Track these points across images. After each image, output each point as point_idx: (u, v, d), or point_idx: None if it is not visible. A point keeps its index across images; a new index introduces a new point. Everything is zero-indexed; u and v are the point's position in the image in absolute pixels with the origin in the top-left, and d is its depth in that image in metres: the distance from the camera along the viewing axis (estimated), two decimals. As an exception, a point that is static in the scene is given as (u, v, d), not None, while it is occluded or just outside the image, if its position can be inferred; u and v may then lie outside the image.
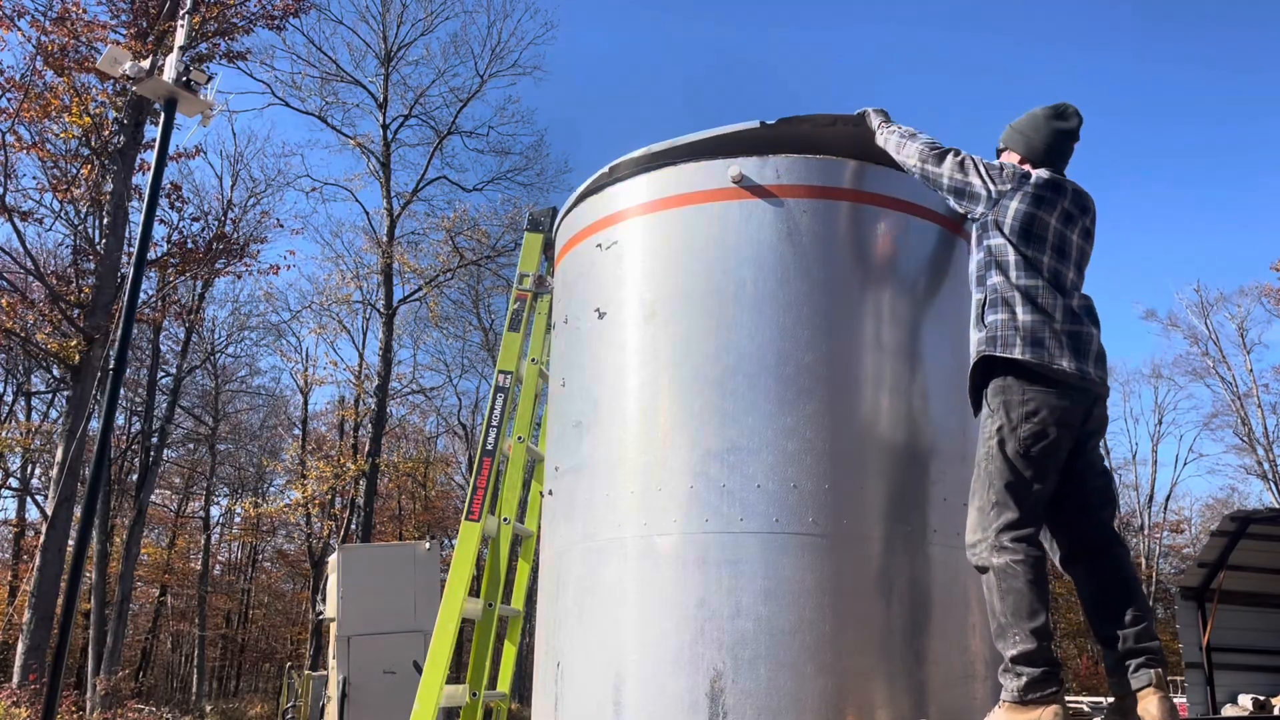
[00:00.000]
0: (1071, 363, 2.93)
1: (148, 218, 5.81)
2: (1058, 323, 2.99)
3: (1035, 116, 3.38)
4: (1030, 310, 3.00)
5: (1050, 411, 2.91)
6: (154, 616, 34.48)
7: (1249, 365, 35.76)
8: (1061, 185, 3.20)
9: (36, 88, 14.06)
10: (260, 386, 33.53)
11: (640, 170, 3.71)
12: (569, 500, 3.66)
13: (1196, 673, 12.63)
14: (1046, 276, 3.06)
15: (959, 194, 3.25)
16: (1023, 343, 2.96)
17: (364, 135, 25.64)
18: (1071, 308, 3.04)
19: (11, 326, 14.36)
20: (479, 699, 4.00)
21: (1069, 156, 3.35)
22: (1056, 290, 3.05)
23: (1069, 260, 3.14)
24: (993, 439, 2.96)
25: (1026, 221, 3.10)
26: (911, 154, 3.34)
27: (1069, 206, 3.18)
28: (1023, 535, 2.86)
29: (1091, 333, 3.04)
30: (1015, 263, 3.07)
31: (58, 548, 13.33)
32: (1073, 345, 2.96)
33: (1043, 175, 3.20)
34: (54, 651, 5.40)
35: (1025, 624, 2.76)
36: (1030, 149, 3.32)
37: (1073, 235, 3.17)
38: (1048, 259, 3.08)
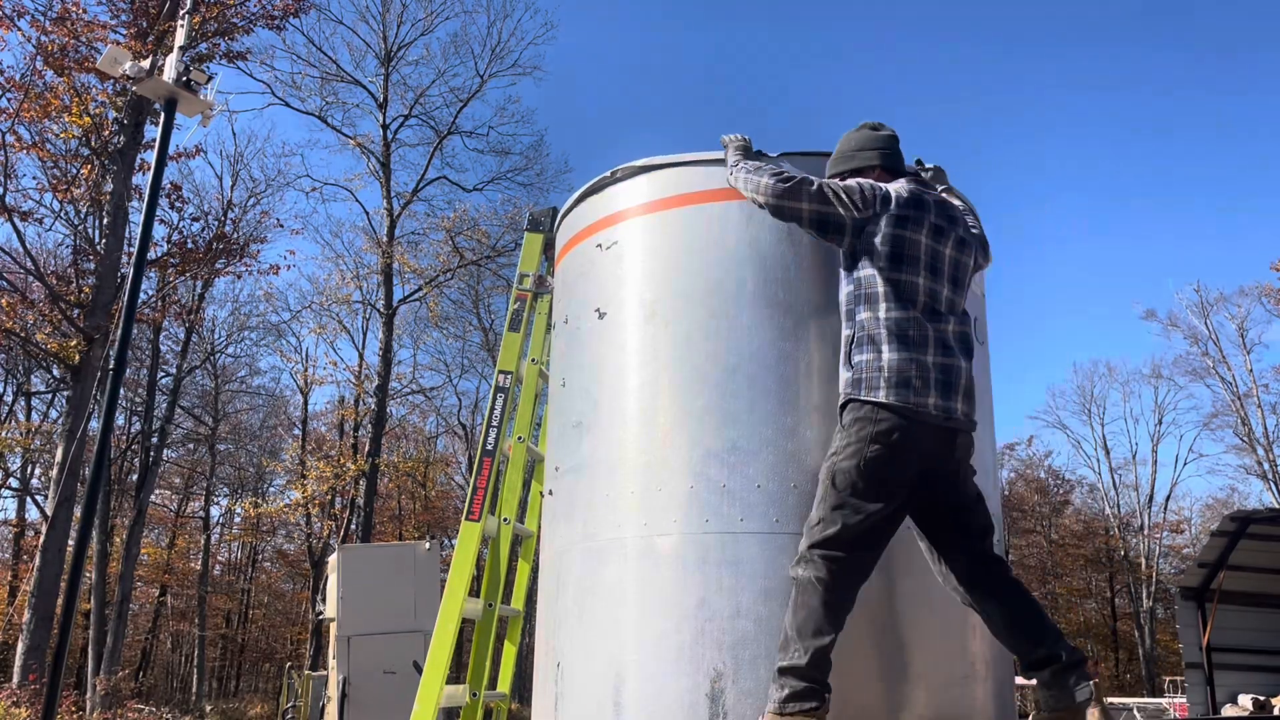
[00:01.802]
0: (939, 401, 2.88)
1: (148, 218, 5.81)
2: (928, 357, 2.90)
3: (860, 134, 3.31)
4: (897, 347, 2.90)
5: (904, 437, 2.84)
6: (154, 616, 34.49)
7: (1249, 365, 35.81)
8: (924, 200, 3.09)
9: (36, 88, 14.07)
10: (260, 386, 33.57)
11: (641, 171, 3.71)
12: (569, 500, 3.66)
13: (1196, 673, 12.64)
14: (922, 300, 2.96)
15: (823, 226, 3.06)
16: (887, 385, 2.87)
17: (364, 135, 25.67)
18: (944, 338, 2.96)
19: (11, 326, 14.37)
20: (479, 699, 3.99)
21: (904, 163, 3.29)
22: (930, 317, 2.96)
23: (943, 277, 3.04)
24: (837, 454, 2.91)
25: (896, 245, 2.98)
26: (763, 189, 3.08)
27: (936, 220, 3.07)
28: (835, 556, 2.78)
29: (961, 366, 2.96)
30: (884, 294, 2.95)
31: (58, 548, 13.34)
32: (941, 381, 2.90)
33: (903, 194, 3.07)
34: (54, 651, 5.40)
35: (808, 641, 2.72)
36: (881, 159, 3.24)
37: (945, 249, 3.06)
38: (922, 281, 2.98)
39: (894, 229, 2.99)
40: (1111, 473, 42.49)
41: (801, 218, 3.08)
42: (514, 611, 4.57)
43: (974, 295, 3.81)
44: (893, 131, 3.31)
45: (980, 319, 3.82)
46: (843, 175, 3.26)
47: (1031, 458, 43.96)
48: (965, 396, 2.96)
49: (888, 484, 2.85)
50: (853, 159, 3.28)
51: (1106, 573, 42.30)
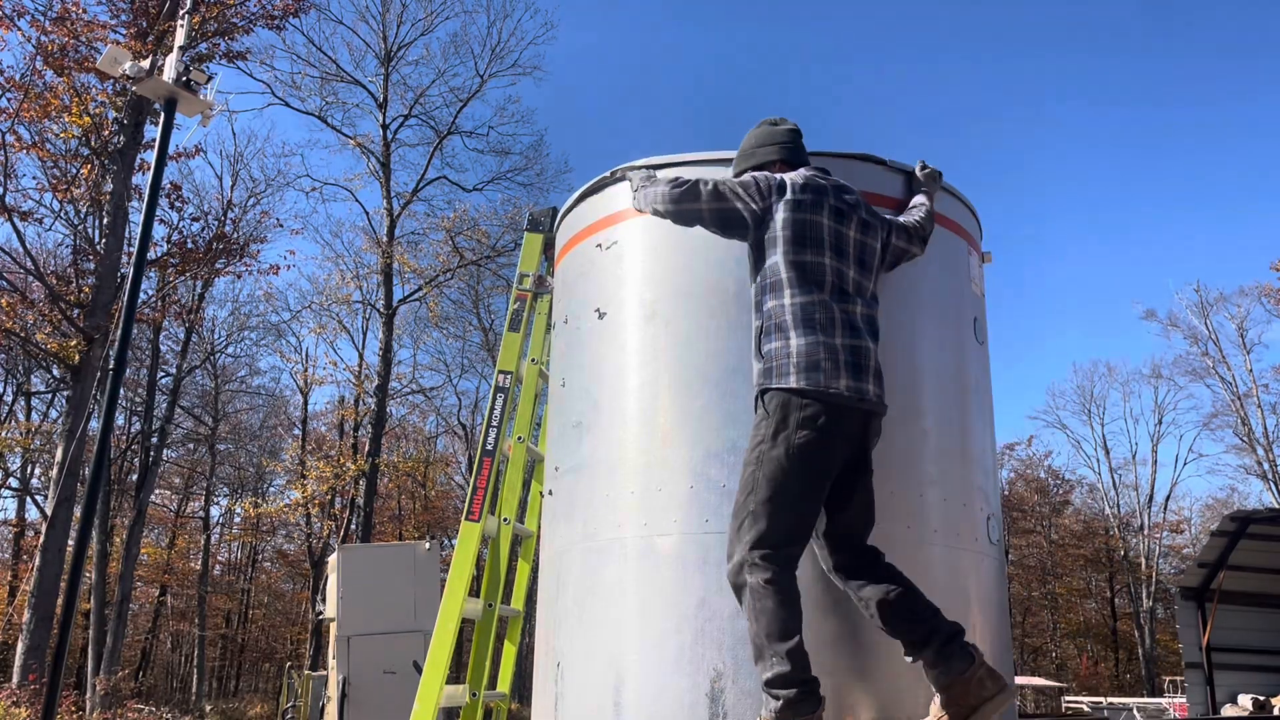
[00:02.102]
0: (850, 383, 2.85)
1: (148, 218, 5.81)
2: (836, 339, 2.89)
3: (761, 130, 3.32)
4: (805, 332, 2.89)
5: (828, 421, 2.81)
6: (154, 616, 34.50)
7: (1249, 365, 35.83)
8: (821, 184, 3.09)
9: (36, 88, 14.06)
10: (260, 386, 33.57)
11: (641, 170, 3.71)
12: (569, 500, 3.66)
13: (1196, 673, 12.64)
14: (829, 281, 2.96)
15: (725, 223, 3.08)
16: (797, 370, 2.85)
17: (364, 135, 25.67)
18: (852, 320, 2.95)
19: (11, 326, 14.37)
20: (479, 699, 3.99)
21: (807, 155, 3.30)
22: (839, 298, 2.96)
23: (849, 259, 3.03)
24: (764, 443, 2.84)
25: (799, 229, 2.98)
26: (660, 197, 3.11)
27: (835, 202, 3.07)
28: (773, 554, 2.74)
29: (869, 347, 2.94)
30: (789, 280, 2.94)
31: (58, 548, 13.33)
32: (851, 363, 2.88)
33: (798, 179, 3.07)
34: (54, 651, 5.40)
35: (779, 645, 2.67)
36: (781, 153, 3.24)
37: (849, 231, 3.06)
38: (828, 261, 2.98)
39: (793, 213, 2.99)
40: (1111, 473, 42.56)
41: (702, 217, 3.10)
42: (514, 611, 4.57)
43: (974, 295, 3.81)
44: (793, 126, 3.32)
45: (980, 319, 3.83)
46: (746, 171, 3.27)
47: (1031, 458, 44.00)
48: (876, 378, 2.95)
49: (817, 471, 2.83)
50: (753, 155, 3.29)
51: (1106, 573, 42.32)
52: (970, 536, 3.41)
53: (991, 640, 3.40)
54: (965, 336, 3.69)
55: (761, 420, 2.90)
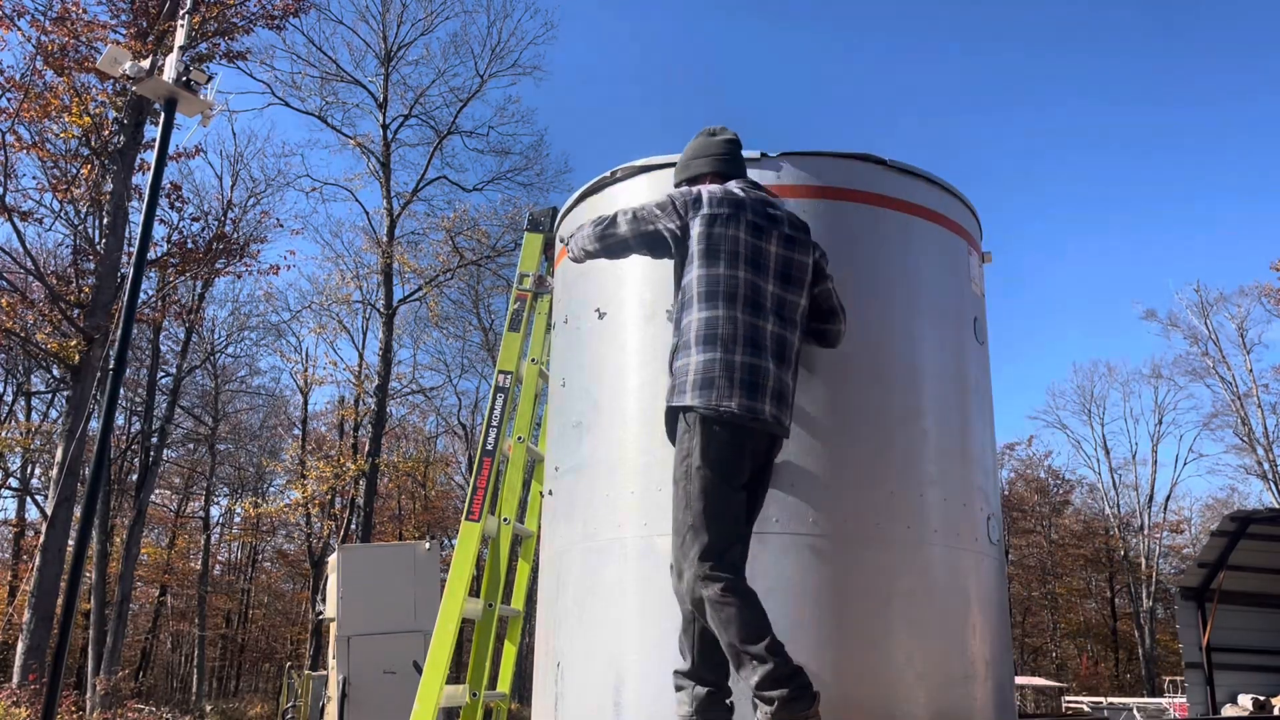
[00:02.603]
0: (743, 400, 2.81)
1: (148, 218, 5.81)
2: (736, 356, 2.85)
3: (697, 141, 3.34)
4: (706, 348, 2.87)
5: (734, 436, 2.83)
6: (154, 616, 34.49)
7: (1249, 365, 35.82)
8: (739, 198, 3.05)
9: (36, 88, 14.05)
10: (260, 386, 33.53)
11: (641, 171, 3.71)
12: (569, 500, 3.66)
13: (1196, 673, 12.64)
14: (743, 294, 2.91)
15: (651, 246, 3.10)
16: (693, 387, 2.85)
17: (364, 135, 25.64)
18: (757, 337, 2.89)
19: (11, 326, 14.36)
20: (479, 699, 3.99)
21: (743, 161, 3.29)
22: (751, 313, 2.91)
23: (768, 273, 2.98)
24: (690, 457, 2.83)
25: (714, 241, 2.95)
26: (587, 237, 3.17)
27: (753, 218, 3.01)
28: (721, 562, 2.73)
29: (767, 368, 2.88)
30: (699, 295, 2.92)
31: (58, 548, 13.33)
32: (747, 381, 2.83)
33: (717, 193, 3.04)
34: (54, 651, 5.40)
35: (755, 646, 2.64)
36: (713, 165, 3.24)
37: (769, 245, 3.01)
38: (743, 274, 2.93)
39: (707, 228, 2.97)
40: (1111, 473, 42.54)
41: (629, 245, 3.13)
42: (514, 611, 4.57)
43: (974, 295, 3.81)
44: (731, 137, 3.30)
45: (980, 319, 3.83)
46: (683, 183, 3.30)
47: (1031, 458, 43.97)
48: (775, 400, 2.88)
49: (731, 479, 2.83)
50: (689, 167, 3.30)
51: (1106, 573, 42.31)
52: (970, 536, 3.41)
53: (991, 640, 3.41)
54: (965, 336, 3.69)
55: (683, 434, 2.89)
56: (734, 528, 2.82)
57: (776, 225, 3.06)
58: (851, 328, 3.33)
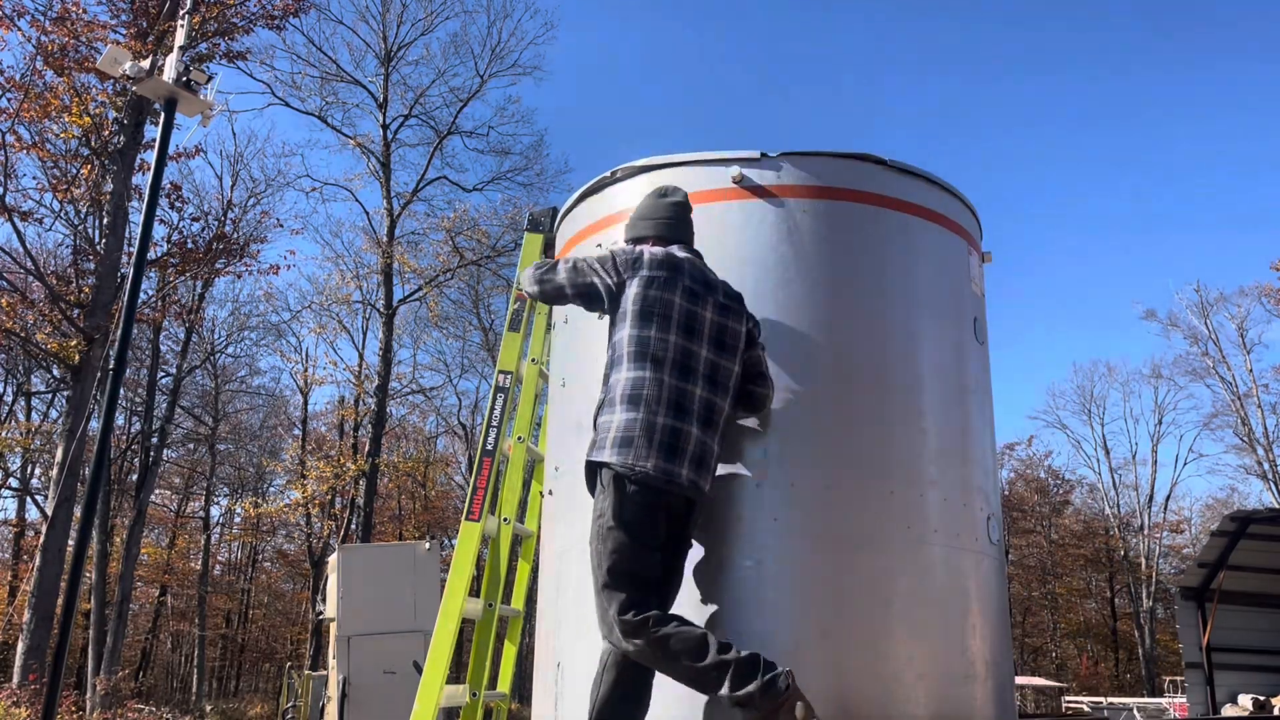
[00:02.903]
0: (660, 463, 2.85)
1: (148, 218, 5.81)
2: (659, 418, 2.90)
3: (645, 200, 3.38)
4: (629, 408, 2.92)
5: (648, 497, 2.86)
6: (154, 616, 34.49)
7: (1249, 365, 35.83)
8: (678, 262, 3.10)
9: (36, 88, 14.05)
10: (260, 386, 33.54)
11: (641, 171, 3.71)
12: (569, 500, 3.65)
13: (1196, 673, 12.64)
14: (672, 357, 2.96)
15: (586, 297, 3.17)
16: (612, 445, 2.90)
17: (364, 135, 25.65)
18: (683, 401, 2.94)
19: (11, 326, 14.36)
20: (479, 699, 3.99)
21: (692, 228, 3.32)
22: (679, 376, 2.96)
23: (701, 338, 3.03)
24: (603, 517, 2.88)
25: (649, 304, 3.01)
26: (529, 280, 3.29)
27: (691, 284, 3.07)
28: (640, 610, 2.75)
29: (691, 432, 2.92)
30: (629, 355, 2.98)
31: (58, 548, 13.33)
32: (667, 444, 2.87)
33: (657, 254, 3.10)
34: (54, 651, 5.40)
35: (705, 663, 2.65)
36: (657, 229, 3.27)
37: (704, 311, 3.06)
38: (675, 338, 2.99)
39: (644, 289, 3.02)
40: (1111, 473, 42.55)
41: (564, 293, 3.20)
42: (514, 611, 4.57)
43: (974, 295, 3.81)
44: (679, 200, 3.33)
45: (980, 318, 3.83)
46: (629, 241, 3.34)
47: (1031, 458, 43.98)
48: (695, 464, 2.91)
49: (644, 539, 2.85)
50: (635, 227, 3.35)
51: (1106, 573, 42.31)
52: (970, 536, 3.41)
53: (991, 640, 3.41)
54: (965, 336, 3.69)
55: (599, 494, 2.94)
56: (646, 580, 2.83)
57: (712, 293, 3.12)
58: (852, 328, 3.33)
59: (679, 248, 3.22)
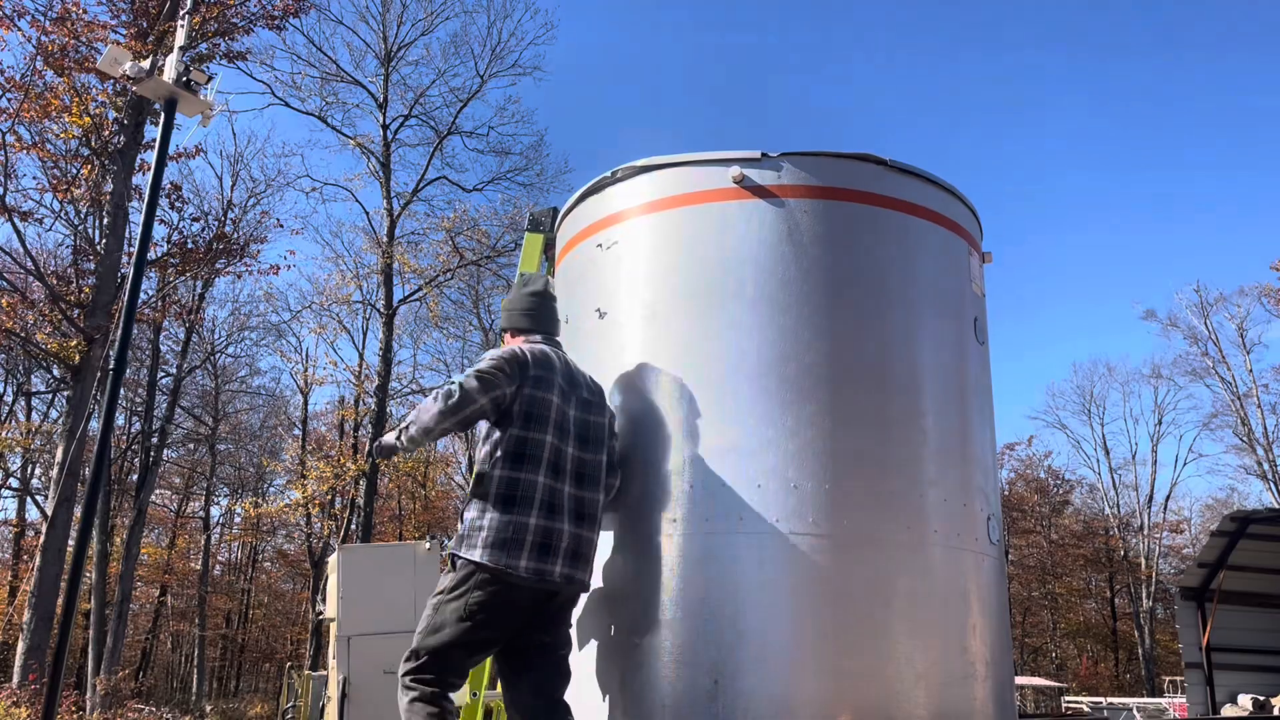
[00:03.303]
0: (531, 564, 2.99)
1: (148, 218, 5.80)
2: (530, 519, 3.02)
3: (514, 293, 3.55)
4: (503, 509, 3.03)
5: (499, 597, 2.99)
6: (154, 616, 34.49)
7: (1249, 365, 35.82)
8: (551, 361, 3.25)
9: (36, 88, 14.04)
10: (260, 386, 33.53)
11: (641, 171, 3.71)
12: (569, 500, 3.65)
13: (1196, 673, 12.65)
14: (546, 458, 3.09)
15: (498, 408, 3.14)
16: (484, 545, 3.00)
17: (364, 135, 25.61)
18: (555, 500, 3.07)
19: (11, 326, 14.36)
20: (479, 699, 3.99)
21: (557, 319, 3.50)
22: (552, 475, 3.09)
23: (569, 437, 3.18)
24: (445, 594, 3.05)
25: (529, 406, 3.12)
26: (439, 412, 3.08)
27: (562, 382, 3.23)
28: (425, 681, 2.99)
29: (563, 529, 3.06)
30: (506, 454, 3.08)
31: (58, 548, 13.32)
32: (540, 543, 3.01)
33: (537, 354, 3.23)
34: (54, 651, 5.40)
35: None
36: (525, 321, 3.43)
37: (570, 409, 3.22)
38: (550, 439, 3.12)
39: (530, 390, 3.15)
40: (1111, 473, 42.54)
41: (484, 411, 3.15)
42: (514, 611, 4.56)
43: (974, 295, 3.82)
44: (538, 289, 3.49)
45: (981, 318, 3.83)
46: (505, 331, 3.52)
47: (1031, 458, 43.95)
48: (569, 559, 3.07)
49: (483, 637, 3.03)
50: (511, 317, 3.51)
51: (1106, 573, 42.30)
52: (970, 536, 3.41)
53: (991, 640, 3.41)
54: (965, 336, 3.69)
55: (447, 574, 3.09)
56: (454, 665, 3.03)
57: (577, 390, 3.28)
58: (852, 328, 3.33)
59: (546, 341, 3.37)
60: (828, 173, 3.53)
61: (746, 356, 3.32)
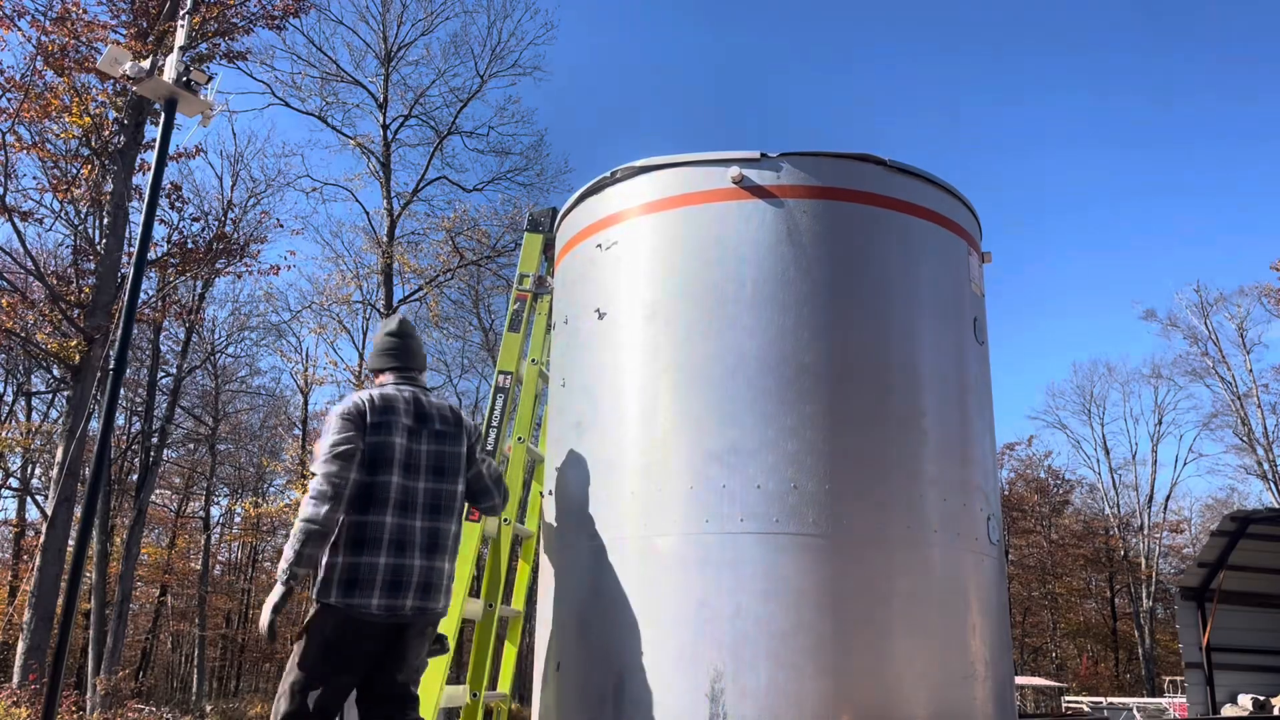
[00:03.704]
0: (383, 601, 3.10)
1: (148, 218, 5.80)
2: (380, 558, 3.12)
3: (378, 336, 3.60)
4: (352, 551, 3.12)
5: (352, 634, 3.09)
6: (154, 616, 34.48)
7: (1249, 365, 35.82)
8: (393, 403, 3.30)
9: (36, 88, 14.04)
10: (260, 386, 33.51)
11: (641, 171, 3.72)
12: (569, 500, 3.66)
13: (1196, 673, 12.65)
14: (394, 499, 3.17)
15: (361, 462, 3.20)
16: (336, 585, 3.10)
17: (364, 135, 25.56)
18: (405, 537, 3.16)
19: (11, 326, 14.35)
20: (479, 699, 3.99)
21: (417, 353, 3.52)
22: (400, 514, 3.17)
23: (419, 472, 3.25)
24: (309, 634, 3.12)
25: (372, 452, 3.20)
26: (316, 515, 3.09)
27: (407, 420, 3.28)
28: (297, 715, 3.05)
29: (413, 565, 3.16)
30: (355, 498, 3.15)
31: (58, 548, 13.32)
32: (390, 581, 3.12)
33: (376, 399, 3.28)
34: (54, 651, 5.39)
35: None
36: (385, 362, 3.49)
37: (421, 445, 3.28)
38: (396, 479, 3.19)
39: (371, 436, 3.22)
40: (1111, 473, 42.54)
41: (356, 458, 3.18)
42: (514, 612, 4.57)
43: (974, 295, 3.82)
44: (391, 329, 3.54)
45: (980, 318, 3.83)
46: (369, 372, 3.62)
47: (1031, 458, 43.94)
48: (418, 591, 3.17)
49: (340, 667, 3.11)
50: (372, 359, 3.59)
51: (1106, 573, 42.30)
52: (970, 536, 3.41)
53: (991, 640, 3.41)
54: (965, 336, 3.69)
55: (314, 615, 3.16)
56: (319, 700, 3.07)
57: (428, 424, 3.33)
58: (852, 328, 3.33)
59: (395, 382, 3.41)
60: (827, 173, 3.53)
61: (746, 357, 3.32)
